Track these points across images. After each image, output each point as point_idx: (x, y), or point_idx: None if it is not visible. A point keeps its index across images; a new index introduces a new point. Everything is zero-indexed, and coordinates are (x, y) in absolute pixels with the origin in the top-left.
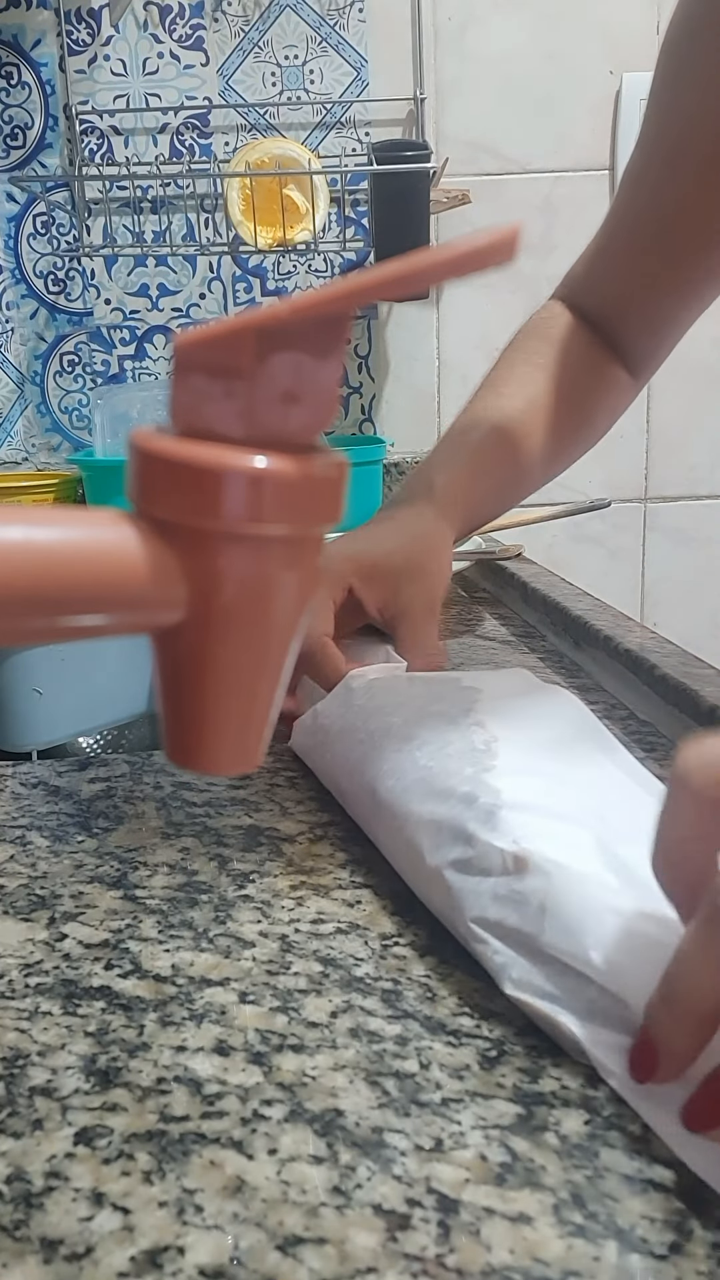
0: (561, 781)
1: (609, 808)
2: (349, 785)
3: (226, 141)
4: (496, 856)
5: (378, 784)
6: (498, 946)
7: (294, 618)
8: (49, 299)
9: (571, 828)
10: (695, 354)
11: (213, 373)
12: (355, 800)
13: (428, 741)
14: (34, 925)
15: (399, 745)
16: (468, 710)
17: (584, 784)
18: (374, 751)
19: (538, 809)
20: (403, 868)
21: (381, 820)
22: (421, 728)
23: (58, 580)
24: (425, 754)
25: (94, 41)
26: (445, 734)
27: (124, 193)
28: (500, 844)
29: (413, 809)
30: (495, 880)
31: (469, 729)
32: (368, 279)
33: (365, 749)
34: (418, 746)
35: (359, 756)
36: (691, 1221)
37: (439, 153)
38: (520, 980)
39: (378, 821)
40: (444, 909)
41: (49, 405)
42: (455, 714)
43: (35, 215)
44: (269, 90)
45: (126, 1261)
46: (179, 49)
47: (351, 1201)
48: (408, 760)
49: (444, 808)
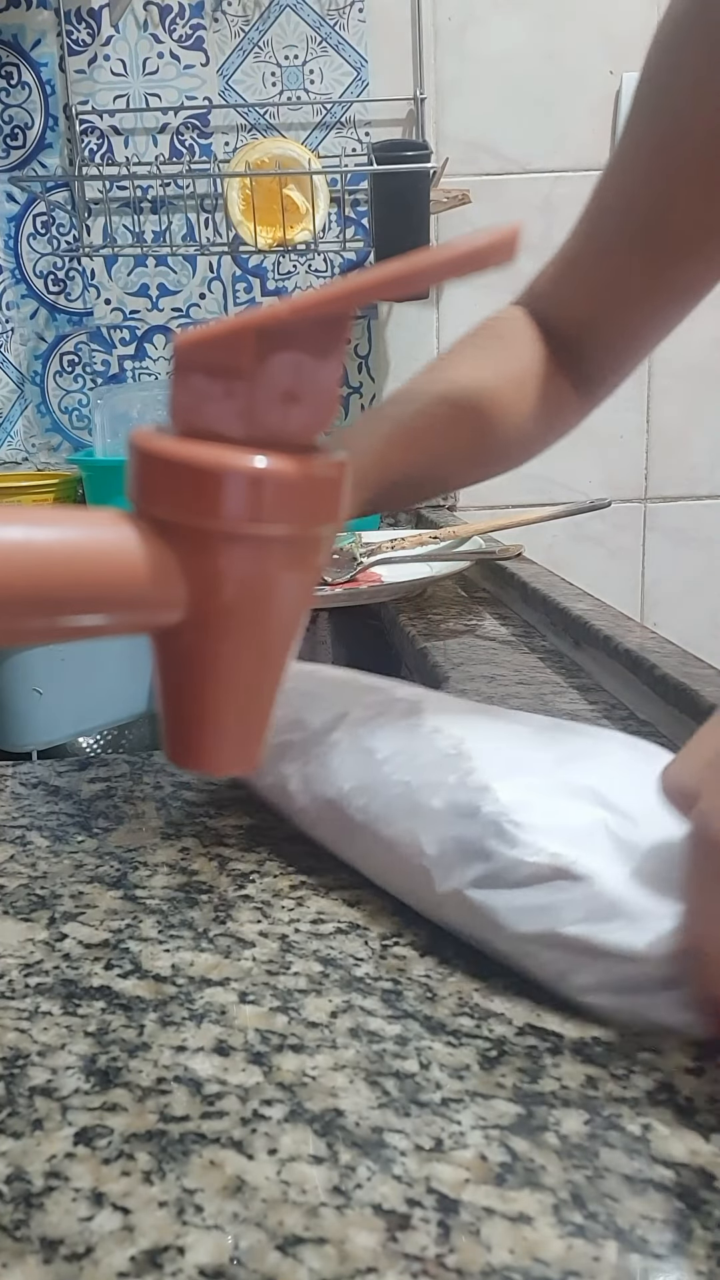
0: (548, 772)
1: (607, 785)
2: (306, 801)
3: (226, 141)
4: (524, 868)
5: (346, 803)
6: (551, 956)
7: (294, 617)
8: (49, 299)
9: (584, 820)
10: (695, 354)
11: (213, 373)
12: (315, 817)
13: (392, 753)
14: (34, 925)
15: (358, 759)
16: (410, 714)
17: (570, 768)
18: (325, 768)
19: (541, 809)
20: (400, 889)
21: (360, 843)
22: (373, 738)
23: (58, 580)
24: (394, 767)
25: (94, 41)
26: (405, 742)
27: (124, 193)
28: (526, 856)
29: (403, 831)
30: (529, 891)
31: (428, 735)
32: (368, 279)
33: (315, 766)
34: (383, 761)
35: (311, 773)
36: (691, 1221)
37: (439, 153)
38: (587, 985)
39: (354, 843)
40: (470, 928)
41: (49, 405)
42: (400, 720)
43: (35, 215)
44: (269, 90)
45: (126, 1261)
46: (179, 49)
47: (351, 1201)
48: (375, 775)
49: (444, 827)
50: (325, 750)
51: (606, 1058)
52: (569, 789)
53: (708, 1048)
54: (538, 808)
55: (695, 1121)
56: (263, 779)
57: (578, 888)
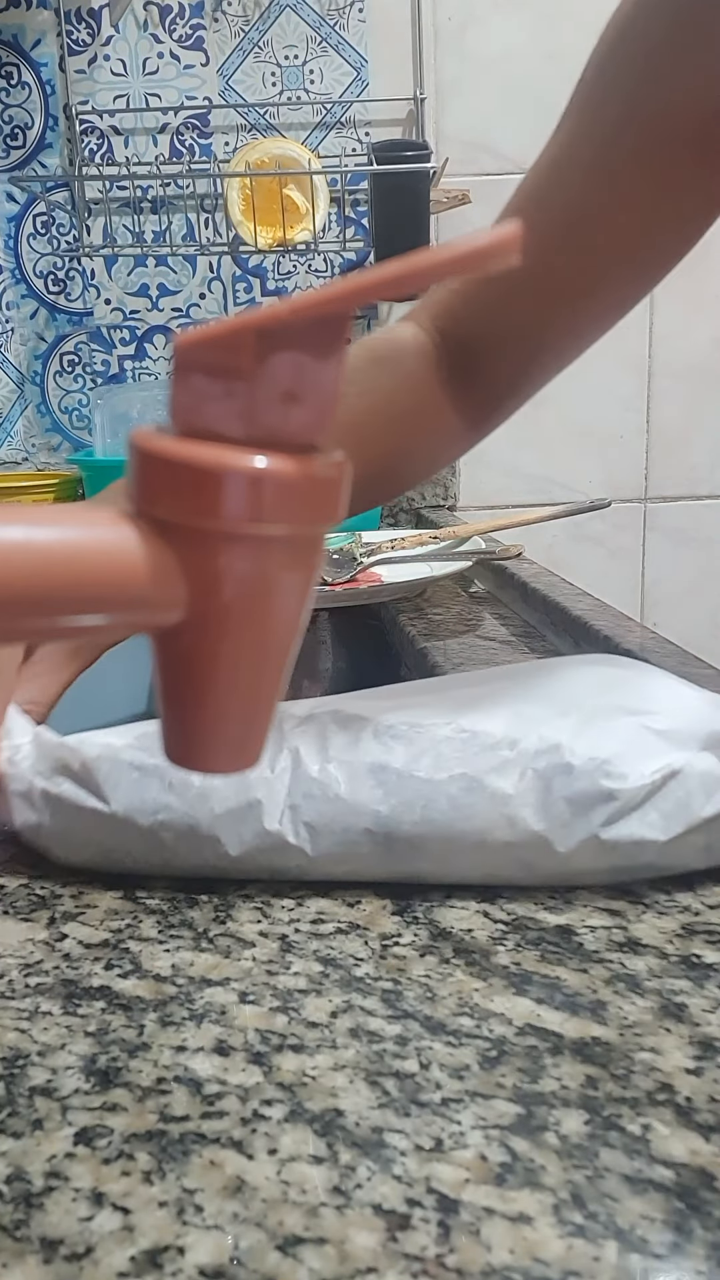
0: (561, 712)
1: (609, 697)
2: (325, 846)
3: (226, 141)
4: (645, 789)
5: (392, 825)
6: (707, 839)
7: (294, 617)
8: (49, 299)
9: (631, 729)
10: (695, 354)
11: (213, 373)
12: (339, 856)
13: (408, 761)
14: (34, 925)
15: (370, 780)
16: (352, 722)
17: (566, 699)
18: (334, 805)
19: (602, 739)
20: (500, 872)
21: (427, 854)
22: (360, 758)
23: (58, 580)
24: (426, 770)
25: (94, 41)
26: (407, 747)
27: (124, 193)
28: (643, 779)
29: (492, 820)
30: (656, 802)
31: (412, 731)
32: (368, 279)
33: (316, 811)
34: (407, 771)
35: (316, 820)
36: (691, 1221)
37: (439, 153)
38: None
39: (414, 858)
40: (611, 865)
41: (49, 405)
42: (354, 729)
43: (35, 215)
44: (269, 90)
45: (126, 1261)
46: (179, 49)
47: (351, 1201)
48: (406, 788)
49: (541, 795)
50: (316, 795)
51: (606, 1058)
52: (591, 714)
53: (708, 1048)
54: (600, 739)
55: (695, 1121)
56: (256, 845)
57: (689, 777)
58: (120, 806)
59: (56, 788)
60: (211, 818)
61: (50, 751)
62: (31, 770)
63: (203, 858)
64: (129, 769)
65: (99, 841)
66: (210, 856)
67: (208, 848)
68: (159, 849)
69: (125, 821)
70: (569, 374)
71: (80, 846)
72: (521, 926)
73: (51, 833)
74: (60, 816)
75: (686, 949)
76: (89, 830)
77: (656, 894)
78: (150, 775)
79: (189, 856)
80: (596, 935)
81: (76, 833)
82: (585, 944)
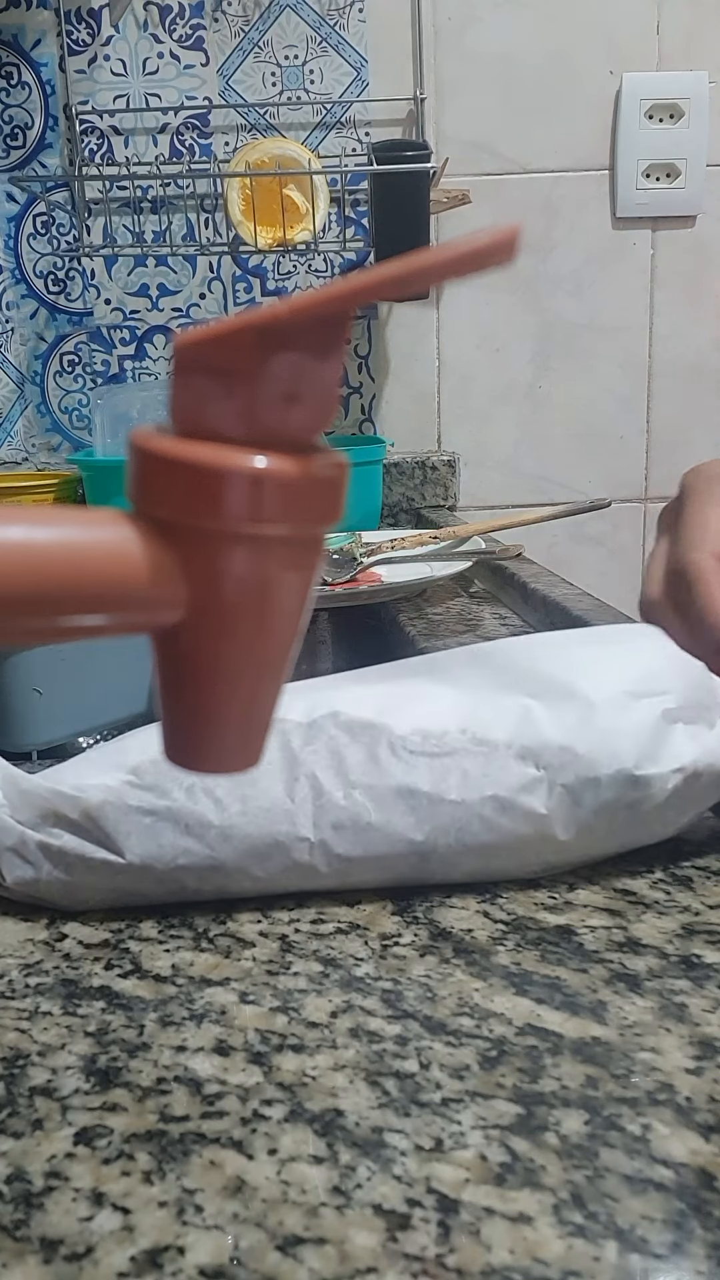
0: (568, 694)
1: (610, 681)
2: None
3: (226, 141)
4: (663, 794)
5: (415, 850)
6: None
7: (295, 617)
8: (49, 299)
9: (654, 712)
10: (695, 354)
11: (213, 373)
12: (388, 866)
13: (436, 786)
14: (34, 925)
15: (401, 806)
16: (393, 749)
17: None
18: (384, 812)
19: (619, 733)
20: (522, 872)
21: (462, 867)
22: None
23: (58, 580)
24: (456, 792)
25: (94, 41)
26: (430, 765)
27: (124, 193)
28: (661, 785)
29: (522, 833)
30: (668, 802)
31: (436, 747)
32: (368, 279)
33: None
34: (428, 801)
35: (366, 832)
36: (691, 1221)
37: (439, 153)
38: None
39: (442, 871)
40: (620, 846)
41: (49, 405)
42: (391, 754)
43: (35, 215)
44: (269, 90)
45: (126, 1261)
46: (179, 49)
47: (351, 1201)
48: (439, 813)
49: (570, 808)
50: (346, 826)
51: (606, 1058)
52: (600, 704)
53: (708, 1048)
54: (618, 741)
55: (695, 1121)
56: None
57: (706, 776)
58: (136, 857)
59: (56, 840)
60: (236, 855)
61: (35, 800)
62: (15, 821)
63: (227, 892)
64: (138, 815)
65: (110, 889)
66: (234, 887)
67: (233, 883)
68: (179, 891)
69: (143, 870)
70: (570, 374)
71: (89, 895)
72: (521, 926)
73: (53, 885)
74: (64, 869)
75: (686, 949)
76: (101, 881)
77: (656, 894)
78: (163, 820)
79: (212, 892)
80: (596, 935)
81: (85, 884)
82: (585, 944)
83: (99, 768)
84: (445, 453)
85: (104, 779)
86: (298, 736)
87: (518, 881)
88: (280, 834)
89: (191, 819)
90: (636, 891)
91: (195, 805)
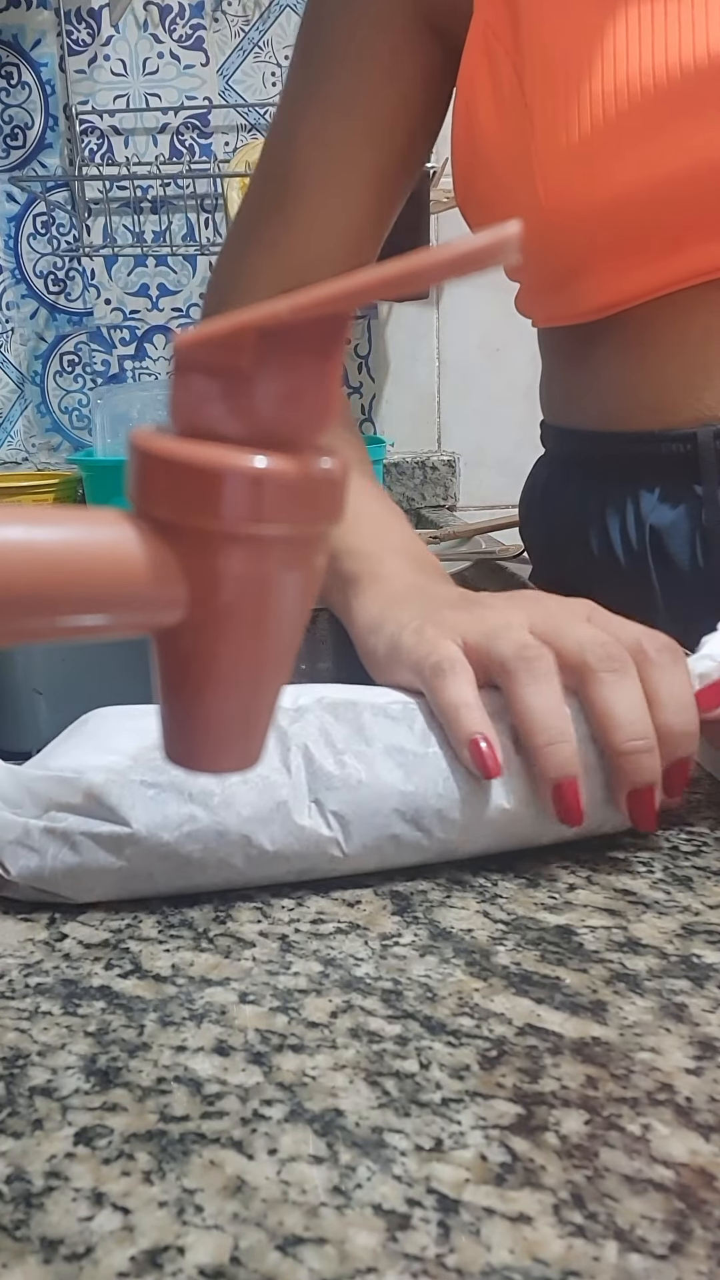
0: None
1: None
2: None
3: (226, 141)
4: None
5: (407, 804)
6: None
7: (295, 617)
8: (49, 299)
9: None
10: None
11: (213, 373)
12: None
13: (421, 744)
14: (34, 925)
15: (378, 770)
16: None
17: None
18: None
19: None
20: (523, 839)
21: (455, 822)
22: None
23: (58, 580)
24: (437, 746)
25: (94, 41)
26: (410, 726)
27: (124, 193)
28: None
29: (510, 781)
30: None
31: (415, 712)
32: (368, 279)
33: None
34: (413, 757)
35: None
36: (691, 1221)
37: (439, 153)
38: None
39: (440, 826)
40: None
41: (49, 405)
42: (374, 719)
43: (35, 215)
44: (269, 90)
45: (126, 1261)
46: (179, 49)
47: (351, 1201)
48: (425, 764)
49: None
50: (338, 787)
51: (606, 1058)
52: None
53: (708, 1048)
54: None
55: (695, 1121)
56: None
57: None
58: (142, 825)
59: (59, 823)
60: (240, 821)
61: (35, 791)
62: (14, 814)
63: (232, 866)
64: (142, 788)
65: (117, 869)
66: (240, 861)
67: (238, 852)
68: (183, 866)
69: (149, 840)
70: None
71: (95, 882)
72: (521, 926)
73: (57, 872)
74: (71, 849)
75: (686, 949)
76: (106, 858)
77: (656, 894)
78: (166, 791)
79: (217, 869)
80: (596, 935)
81: (90, 865)
82: (585, 944)
83: (92, 752)
84: (445, 453)
85: (103, 760)
86: (285, 718)
87: (518, 881)
88: (280, 798)
89: (194, 788)
90: (636, 891)
91: (197, 778)
